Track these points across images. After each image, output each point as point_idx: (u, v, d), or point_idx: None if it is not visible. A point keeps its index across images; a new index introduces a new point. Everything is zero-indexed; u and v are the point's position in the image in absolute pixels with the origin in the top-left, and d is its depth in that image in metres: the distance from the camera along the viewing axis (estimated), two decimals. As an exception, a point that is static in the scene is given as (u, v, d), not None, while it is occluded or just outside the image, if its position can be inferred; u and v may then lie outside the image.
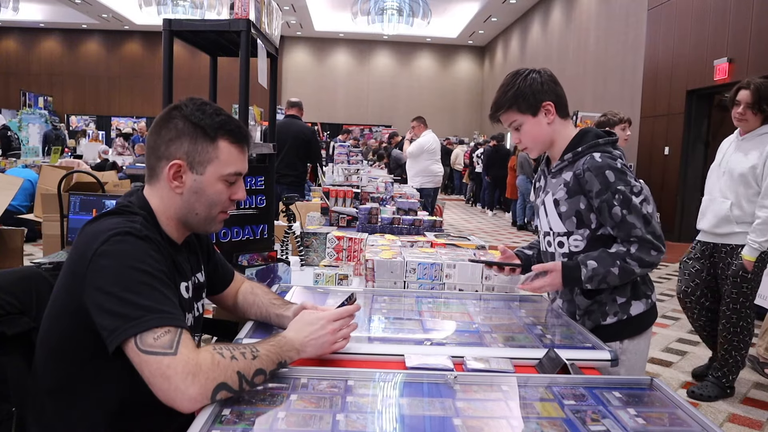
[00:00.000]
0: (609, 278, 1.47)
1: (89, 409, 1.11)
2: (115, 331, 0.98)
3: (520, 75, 1.57)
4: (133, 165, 9.62)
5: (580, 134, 1.57)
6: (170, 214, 1.21)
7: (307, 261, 2.34)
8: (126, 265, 1.03)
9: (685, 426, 1.00)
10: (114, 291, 1.00)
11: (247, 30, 2.05)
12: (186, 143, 1.16)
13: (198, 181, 1.18)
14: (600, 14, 11.00)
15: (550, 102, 1.55)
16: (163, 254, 1.12)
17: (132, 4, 13.14)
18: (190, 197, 1.19)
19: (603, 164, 1.46)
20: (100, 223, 1.12)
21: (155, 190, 1.21)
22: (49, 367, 1.12)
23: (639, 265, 1.45)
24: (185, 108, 1.18)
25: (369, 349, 1.29)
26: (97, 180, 3.04)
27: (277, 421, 0.96)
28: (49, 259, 2.17)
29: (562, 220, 1.57)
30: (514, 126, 1.59)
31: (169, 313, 1.01)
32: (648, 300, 1.58)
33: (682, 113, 7.69)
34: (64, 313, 1.10)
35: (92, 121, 19.13)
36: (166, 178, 1.17)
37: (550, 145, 1.60)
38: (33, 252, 5.89)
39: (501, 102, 1.58)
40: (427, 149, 6.63)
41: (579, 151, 1.53)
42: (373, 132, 18.12)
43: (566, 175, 1.55)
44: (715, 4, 7.07)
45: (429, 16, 12.77)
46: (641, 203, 1.45)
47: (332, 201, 3.16)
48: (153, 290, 1.03)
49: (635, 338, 1.57)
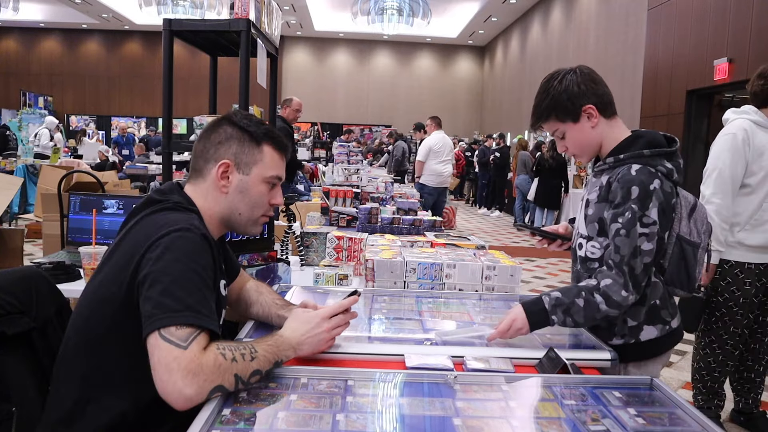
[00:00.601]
0: (573, 310, 1.35)
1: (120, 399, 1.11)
2: (151, 318, 1.01)
3: (555, 78, 1.46)
4: (134, 165, 9.62)
5: (630, 139, 1.46)
6: (213, 213, 1.27)
7: (307, 261, 2.34)
8: (180, 260, 1.07)
9: (685, 426, 1.00)
10: (162, 280, 1.04)
11: (247, 30, 2.05)
12: (234, 145, 1.26)
13: (244, 181, 1.27)
14: (600, 14, 11.00)
15: (591, 105, 1.44)
16: (214, 254, 1.16)
17: (132, 4, 13.12)
18: (235, 197, 1.27)
19: (634, 179, 1.35)
20: (160, 216, 1.16)
21: (200, 191, 1.27)
22: (83, 354, 1.13)
23: (605, 303, 1.34)
24: (234, 117, 1.29)
25: (369, 349, 1.29)
26: (97, 180, 3.04)
27: (277, 421, 0.96)
28: (49, 259, 2.17)
29: (586, 223, 1.49)
30: (558, 135, 1.50)
31: (205, 316, 1.05)
32: (665, 326, 1.45)
33: (682, 113, 7.69)
34: (109, 301, 1.11)
35: (92, 121, 19.12)
36: (215, 177, 1.25)
37: (600, 149, 1.50)
38: (33, 252, 5.90)
39: (539, 111, 1.49)
40: (433, 149, 6.65)
41: (621, 158, 1.43)
42: (373, 132, 18.12)
43: (603, 178, 1.46)
44: (715, 4, 7.07)
45: (429, 16, 12.76)
46: (641, 235, 1.34)
47: (332, 201, 3.16)
48: (198, 290, 1.06)
49: (642, 363, 1.45)
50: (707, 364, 2.57)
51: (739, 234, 2.45)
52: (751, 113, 2.46)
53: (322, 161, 9.74)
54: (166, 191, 1.27)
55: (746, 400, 2.71)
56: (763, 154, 2.41)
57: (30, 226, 6.16)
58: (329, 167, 7.01)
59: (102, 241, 2.27)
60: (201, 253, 1.11)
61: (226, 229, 1.32)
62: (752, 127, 2.43)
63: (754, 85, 2.49)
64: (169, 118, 2.22)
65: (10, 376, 1.17)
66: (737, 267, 2.47)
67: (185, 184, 1.31)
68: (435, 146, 6.67)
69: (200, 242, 1.12)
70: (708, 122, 7.79)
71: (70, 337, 1.17)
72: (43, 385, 1.23)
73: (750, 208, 2.43)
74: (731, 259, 2.47)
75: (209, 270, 1.12)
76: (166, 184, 1.32)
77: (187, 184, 1.30)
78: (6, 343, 1.17)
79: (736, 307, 2.48)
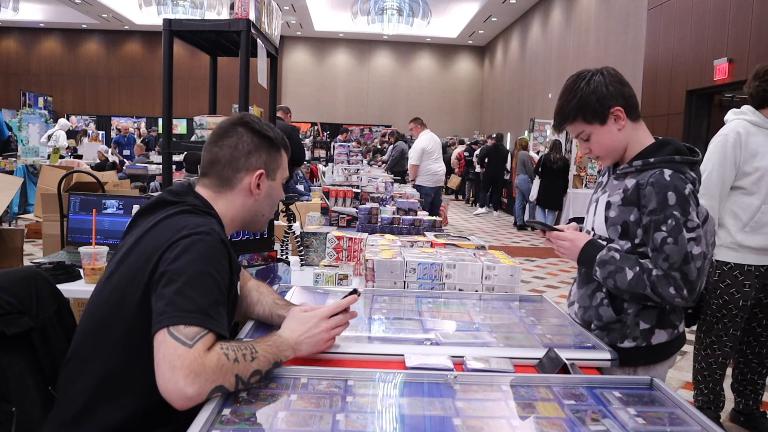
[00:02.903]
0: (619, 276, 1.38)
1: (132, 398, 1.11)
2: (162, 315, 1.02)
3: (583, 79, 1.43)
4: (134, 165, 9.62)
5: (659, 144, 1.45)
6: (235, 217, 1.32)
7: (307, 261, 2.34)
8: (197, 261, 1.08)
9: (685, 426, 1.00)
10: (178, 279, 1.05)
11: (247, 30, 2.05)
12: (264, 154, 1.32)
13: (272, 186, 1.35)
14: (600, 14, 11.00)
15: (619, 107, 1.42)
16: (231, 258, 1.17)
17: (132, 4, 13.13)
18: (264, 201, 1.35)
19: (669, 184, 1.34)
20: (180, 219, 1.18)
21: (224, 198, 1.30)
22: (99, 353, 1.13)
23: (652, 290, 1.34)
24: (252, 123, 1.32)
25: (369, 349, 1.29)
26: (97, 180, 3.04)
27: (277, 421, 0.96)
28: (49, 259, 2.17)
29: (606, 226, 1.46)
30: (582, 137, 1.48)
31: (215, 320, 1.05)
32: (674, 330, 1.47)
33: (682, 113, 7.69)
34: (126, 301, 1.12)
35: (92, 121, 19.12)
36: (248, 186, 1.30)
37: (624, 152, 1.48)
38: (33, 252, 5.90)
39: (565, 112, 1.46)
40: (426, 150, 6.66)
41: (651, 162, 1.41)
42: (373, 132, 18.11)
43: (629, 181, 1.42)
44: (715, 4, 7.07)
45: (429, 16, 12.75)
46: (690, 240, 1.32)
47: (332, 201, 3.16)
48: (211, 293, 1.07)
49: (651, 367, 1.46)
50: (708, 364, 2.57)
51: (738, 236, 2.44)
52: (748, 114, 2.46)
53: (322, 161, 9.74)
54: (180, 192, 1.28)
55: (746, 402, 2.71)
56: (756, 156, 2.39)
57: (30, 226, 6.16)
58: (329, 167, 7.02)
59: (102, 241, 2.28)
60: (219, 258, 1.12)
61: (240, 229, 1.37)
62: (747, 129, 2.42)
63: (750, 87, 2.48)
64: (169, 118, 2.22)
65: (10, 376, 1.17)
66: (737, 269, 2.46)
67: (196, 185, 1.31)
68: (427, 147, 6.68)
69: (219, 246, 1.13)
70: (708, 122, 7.79)
71: (83, 338, 1.16)
72: (43, 385, 1.23)
73: (749, 210, 2.42)
74: (730, 261, 2.47)
75: (225, 274, 1.13)
76: (176, 185, 1.32)
77: (203, 187, 1.30)
78: (6, 343, 1.17)
79: (735, 309, 2.48)
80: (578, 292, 1.59)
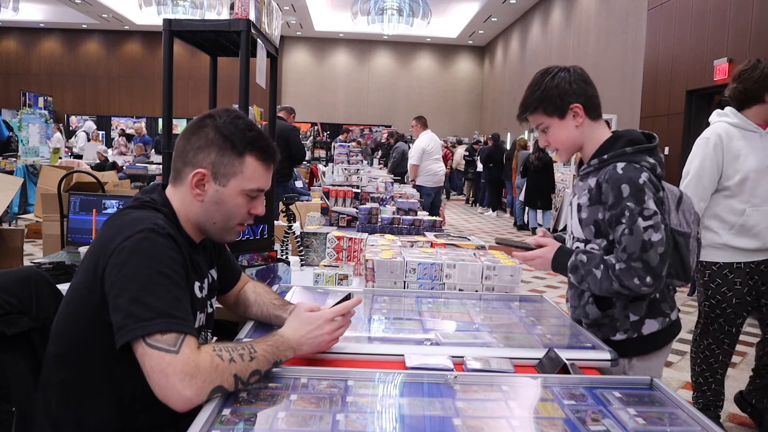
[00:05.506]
0: (590, 278, 1.43)
1: (102, 403, 1.12)
2: (123, 329, 1.00)
3: (549, 74, 1.50)
4: (133, 165, 9.62)
5: (612, 139, 1.50)
6: (189, 217, 1.23)
7: (307, 261, 2.34)
8: (144, 264, 1.05)
9: (685, 426, 1.00)
10: (129, 288, 1.02)
11: (247, 30, 2.05)
12: (213, 154, 1.18)
13: (220, 192, 1.20)
14: (600, 14, 11.00)
15: (578, 104, 1.48)
16: (183, 253, 1.14)
17: (132, 4, 13.13)
18: (210, 206, 1.21)
19: (622, 177, 1.39)
20: (123, 217, 1.14)
21: (178, 192, 1.23)
22: (63, 361, 1.13)
23: (619, 284, 1.38)
24: (219, 118, 1.20)
25: (369, 349, 1.29)
26: (97, 180, 3.04)
27: (277, 421, 0.96)
28: (49, 259, 2.17)
29: (582, 227, 1.51)
30: (541, 128, 1.54)
31: (179, 319, 1.03)
32: (666, 318, 1.49)
33: (682, 113, 7.69)
34: (82, 308, 1.11)
35: (92, 121, 19.11)
36: (189, 184, 1.19)
37: (580, 148, 1.55)
38: (33, 252, 5.89)
39: (527, 103, 1.53)
40: (426, 150, 6.66)
41: (605, 159, 1.46)
42: (373, 132, 18.10)
43: (591, 181, 1.48)
44: (715, 4, 7.07)
45: (429, 16, 12.75)
46: (647, 228, 1.36)
47: (332, 201, 3.16)
48: (167, 292, 1.04)
49: (645, 357, 1.49)
50: (709, 365, 2.57)
51: (725, 238, 2.43)
52: (730, 116, 2.44)
53: (322, 161, 9.74)
54: (148, 190, 1.26)
55: (758, 395, 2.69)
56: (738, 158, 2.37)
57: (30, 226, 6.16)
58: (329, 167, 7.02)
59: (102, 241, 2.27)
60: (167, 252, 1.08)
61: (203, 234, 1.27)
62: (729, 131, 2.40)
63: (730, 89, 2.47)
64: (169, 118, 2.22)
65: (10, 376, 1.17)
66: (725, 267, 2.45)
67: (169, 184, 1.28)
68: (427, 147, 6.68)
69: (165, 241, 1.09)
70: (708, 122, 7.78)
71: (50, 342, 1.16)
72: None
73: (734, 213, 2.40)
74: (718, 261, 2.45)
75: (178, 266, 1.09)
76: (151, 184, 1.30)
77: (169, 184, 1.26)
78: (6, 343, 1.17)
79: (729, 308, 2.47)
80: (569, 292, 1.64)
